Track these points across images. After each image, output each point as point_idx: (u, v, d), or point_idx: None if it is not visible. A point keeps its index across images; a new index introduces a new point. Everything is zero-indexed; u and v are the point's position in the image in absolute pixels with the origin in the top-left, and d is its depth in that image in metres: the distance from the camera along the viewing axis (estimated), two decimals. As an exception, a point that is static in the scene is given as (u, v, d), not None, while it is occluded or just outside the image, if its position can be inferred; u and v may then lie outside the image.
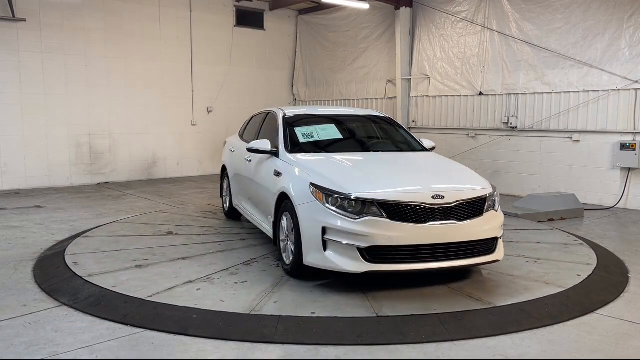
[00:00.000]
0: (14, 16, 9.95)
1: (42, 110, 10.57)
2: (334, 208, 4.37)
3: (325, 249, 4.38)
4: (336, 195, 4.40)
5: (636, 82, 8.39)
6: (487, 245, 4.63)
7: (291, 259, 4.78)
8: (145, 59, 11.85)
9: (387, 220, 4.28)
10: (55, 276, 4.91)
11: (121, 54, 11.47)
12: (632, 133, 8.53)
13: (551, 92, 9.47)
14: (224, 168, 7.67)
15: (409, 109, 12.00)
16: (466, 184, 4.87)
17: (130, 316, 3.97)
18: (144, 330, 3.76)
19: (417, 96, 11.80)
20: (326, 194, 4.43)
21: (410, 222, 4.30)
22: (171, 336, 3.67)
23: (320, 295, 4.43)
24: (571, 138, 9.27)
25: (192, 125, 12.69)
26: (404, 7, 11.53)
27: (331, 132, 6.02)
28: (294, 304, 4.23)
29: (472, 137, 10.77)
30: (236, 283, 4.68)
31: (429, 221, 4.33)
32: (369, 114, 6.72)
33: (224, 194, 7.70)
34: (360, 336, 3.69)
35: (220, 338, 3.65)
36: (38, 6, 10.32)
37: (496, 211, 4.75)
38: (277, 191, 5.07)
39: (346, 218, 4.30)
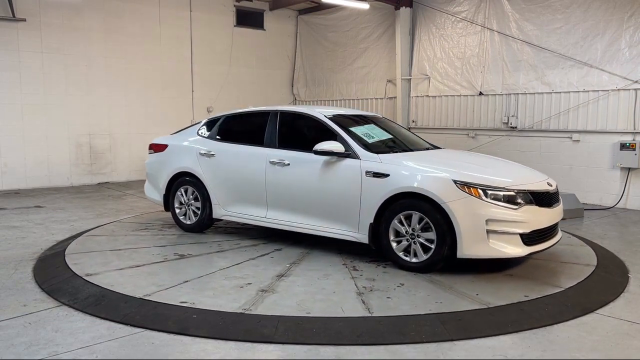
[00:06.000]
0: (14, 16, 9.95)
1: (42, 110, 10.57)
2: (493, 201, 4.73)
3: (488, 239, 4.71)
4: (493, 190, 4.77)
5: (636, 82, 8.39)
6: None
7: (425, 256, 4.92)
8: (145, 59, 11.85)
9: (537, 207, 4.89)
10: (55, 276, 4.91)
11: (121, 54, 11.47)
12: (632, 133, 8.53)
13: (551, 92, 9.47)
14: (178, 176, 6.68)
15: (408, 109, 12.00)
16: (541, 173, 5.56)
17: (130, 316, 3.97)
18: (144, 330, 3.76)
19: (417, 96, 11.80)
20: (482, 189, 4.75)
21: (546, 207, 5.00)
22: (171, 336, 3.67)
23: (489, 281, 4.76)
24: (571, 138, 9.28)
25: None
26: (404, 7, 11.53)
27: (379, 132, 6.03)
28: (496, 292, 4.48)
29: (472, 137, 10.77)
30: (395, 290, 4.54)
31: (552, 205, 5.09)
32: (372, 115, 6.76)
33: (176, 206, 6.77)
34: (360, 336, 3.68)
35: (220, 338, 3.65)
36: (38, 6, 10.32)
37: None
38: (389, 192, 5.02)
39: (507, 209, 4.72)
